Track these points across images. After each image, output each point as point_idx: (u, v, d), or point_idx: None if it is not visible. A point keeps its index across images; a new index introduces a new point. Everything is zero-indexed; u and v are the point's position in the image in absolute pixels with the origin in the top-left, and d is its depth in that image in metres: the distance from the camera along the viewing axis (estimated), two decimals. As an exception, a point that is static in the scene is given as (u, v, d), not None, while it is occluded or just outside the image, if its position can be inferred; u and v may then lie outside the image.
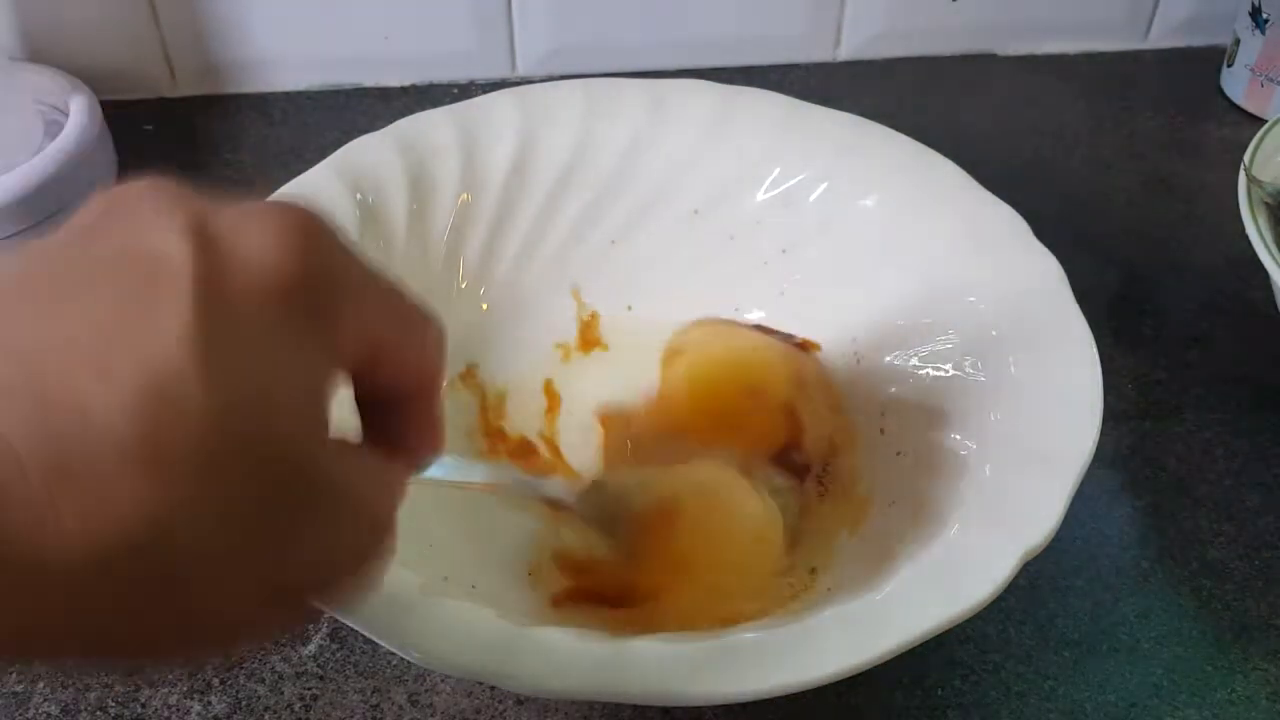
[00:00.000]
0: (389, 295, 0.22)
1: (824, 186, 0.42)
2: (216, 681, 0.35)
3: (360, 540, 0.22)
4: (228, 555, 0.19)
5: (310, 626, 0.36)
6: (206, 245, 0.19)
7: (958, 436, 0.35)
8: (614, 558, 0.36)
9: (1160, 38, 0.65)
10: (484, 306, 0.43)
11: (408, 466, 0.24)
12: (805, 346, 0.42)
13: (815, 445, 0.40)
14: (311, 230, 0.20)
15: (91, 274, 0.19)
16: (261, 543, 0.19)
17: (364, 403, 0.24)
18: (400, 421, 0.24)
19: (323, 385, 0.20)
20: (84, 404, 0.17)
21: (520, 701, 0.35)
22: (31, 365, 0.18)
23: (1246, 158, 0.43)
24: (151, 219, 0.19)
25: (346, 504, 0.21)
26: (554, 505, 0.36)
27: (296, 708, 0.35)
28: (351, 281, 0.21)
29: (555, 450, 0.41)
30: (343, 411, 0.22)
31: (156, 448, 0.17)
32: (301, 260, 0.20)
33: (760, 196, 0.43)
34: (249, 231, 0.19)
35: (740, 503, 0.37)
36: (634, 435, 0.41)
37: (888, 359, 0.40)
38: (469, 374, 0.41)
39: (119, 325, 0.18)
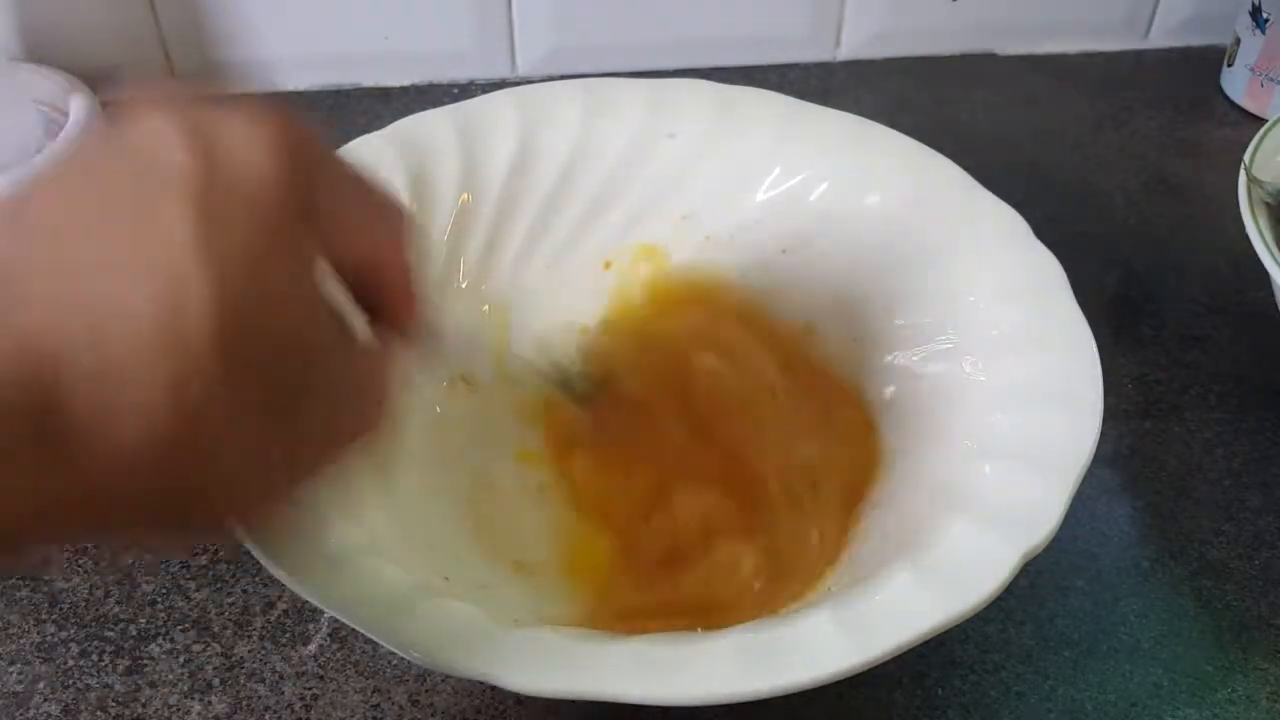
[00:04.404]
0: (362, 189, 0.25)
1: (824, 186, 0.42)
2: (217, 681, 0.35)
3: (360, 408, 0.25)
4: (246, 431, 0.22)
5: (310, 626, 0.36)
6: (206, 158, 0.21)
7: (958, 436, 0.35)
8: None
9: (1160, 38, 0.65)
10: (485, 307, 0.43)
11: (404, 342, 0.27)
12: None
13: None
14: (300, 138, 0.23)
15: (113, 188, 0.21)
16: (275, 418, 0.22)
17: (359, 297, 0.26)
18: (385, 301, 0.26)
19: (313, 275, 0.23)
20: (118, 311, 0.20)
21: (520, 701, 0.35)
22: (78, 278, 0.20)
23: (1246, 158, 0.43)
24: (158, 133, 0.22)
25: (345, 377, 0.24)
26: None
27: (296, 708, 0.35)
28: (332, 180, 0.24)
29: None
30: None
31: (176, 343, 0.20)
32: (292, 167, 0.22)
33: (760, 196, 0.43)
34: (246, 140, 0.22)
35: None
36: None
37: (888, 359, 0.40)
38: (470, 374, 0.41)
39: (138, 237, 0.21)
